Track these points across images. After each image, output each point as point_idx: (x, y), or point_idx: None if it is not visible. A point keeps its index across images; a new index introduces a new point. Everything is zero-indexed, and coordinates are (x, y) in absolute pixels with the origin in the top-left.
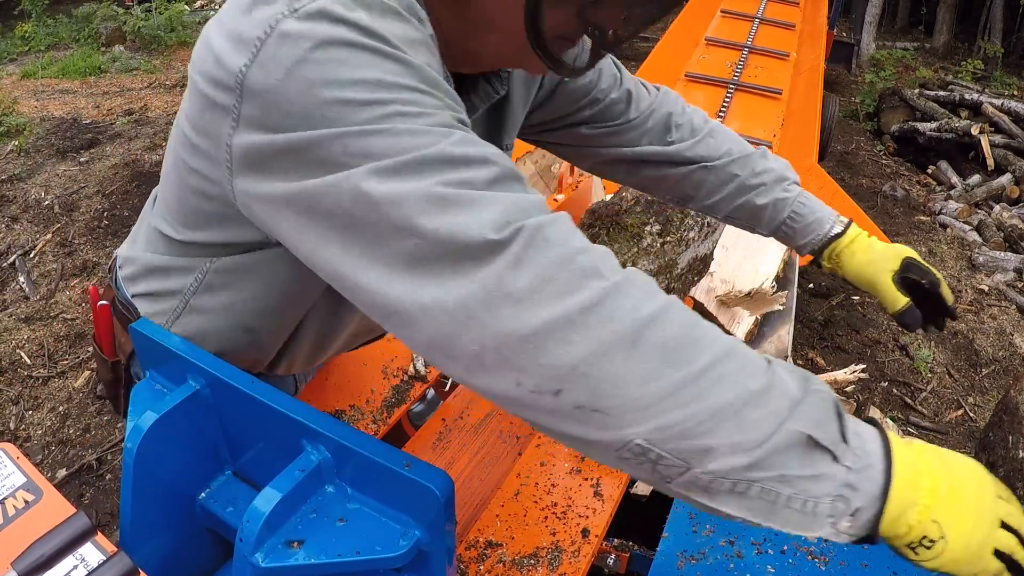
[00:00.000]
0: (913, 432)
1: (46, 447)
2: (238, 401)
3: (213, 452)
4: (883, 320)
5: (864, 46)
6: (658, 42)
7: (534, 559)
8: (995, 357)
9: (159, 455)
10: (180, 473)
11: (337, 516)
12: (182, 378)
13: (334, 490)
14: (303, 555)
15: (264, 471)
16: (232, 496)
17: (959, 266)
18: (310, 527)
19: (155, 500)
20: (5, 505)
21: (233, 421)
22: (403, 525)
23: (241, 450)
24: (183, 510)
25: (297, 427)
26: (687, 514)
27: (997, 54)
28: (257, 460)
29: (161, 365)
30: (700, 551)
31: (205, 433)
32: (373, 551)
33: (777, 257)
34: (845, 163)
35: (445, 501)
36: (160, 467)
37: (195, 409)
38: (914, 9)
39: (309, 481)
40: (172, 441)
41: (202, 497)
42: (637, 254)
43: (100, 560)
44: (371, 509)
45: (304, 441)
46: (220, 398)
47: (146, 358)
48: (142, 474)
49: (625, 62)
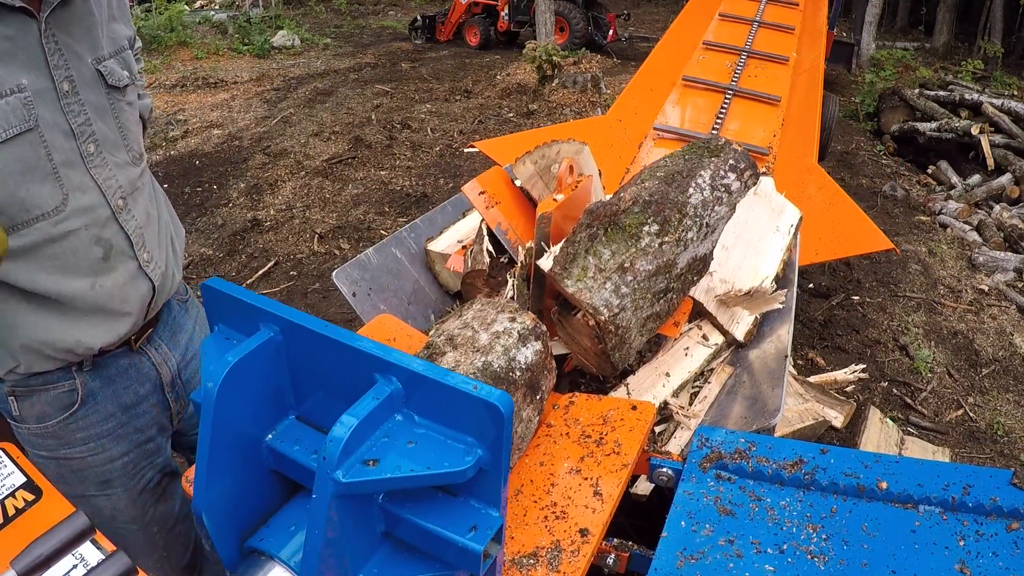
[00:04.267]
0: (913, 432)
1: None
2: (312, 343)
3: (279, 397)
4: (883, 320)
5: (864, 46)
6: (657, 43)
7: (534, 559)
8: (995, 357)
9: (233, 400)
10: (250, 417)
11: (406, 440)
12: (254, 327)
13: (402, 418)
14: (378, 471)
15: (327, 413)
16: (297, 437)
17: (959, 266)
18: (383, 449)
19: (228, 443)
20: (5, 505)
21: (303, 364)
22: (467, 445)
23: (306, 394)
24: (251, 453)
25: (371, 361)
26: (687, 514)
27: (997, 54)
28: (321, 403)
29: (231, 318)
30: (700, 551)
31: (274, 379)
32: (441, 467)
33: (777, 257)
34: (845, 163)
35: (507, 418)
36: (233, 411)
37: (267, 355)
38: (914, 9)
39: (382, 409)
40: (245, 386)
41: (269, 439)
42: (635, 254)
43: (99, 559)
44: (436, 433)
45: (377, 374)
46: (293, 342)
47: (215, 313)
48: (220, 417)
49: (625, 63)
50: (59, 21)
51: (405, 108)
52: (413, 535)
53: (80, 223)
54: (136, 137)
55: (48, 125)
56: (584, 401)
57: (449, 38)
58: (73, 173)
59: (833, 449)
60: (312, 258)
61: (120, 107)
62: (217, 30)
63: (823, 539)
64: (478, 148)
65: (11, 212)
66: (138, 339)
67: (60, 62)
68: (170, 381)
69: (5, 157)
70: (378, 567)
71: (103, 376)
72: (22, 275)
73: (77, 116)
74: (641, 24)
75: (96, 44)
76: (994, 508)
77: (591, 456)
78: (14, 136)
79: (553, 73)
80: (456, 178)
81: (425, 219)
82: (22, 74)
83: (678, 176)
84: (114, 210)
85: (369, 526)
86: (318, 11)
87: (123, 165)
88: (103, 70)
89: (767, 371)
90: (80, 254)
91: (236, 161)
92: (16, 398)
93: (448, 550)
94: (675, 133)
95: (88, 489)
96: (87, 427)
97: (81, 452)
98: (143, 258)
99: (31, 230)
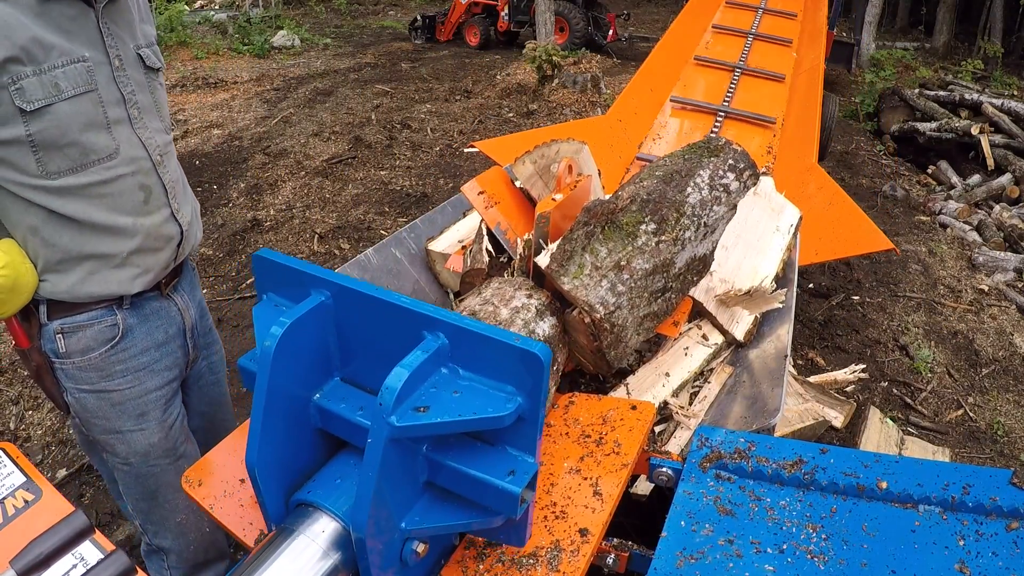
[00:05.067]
0: (913, 432)
1: (46, 447)
2: (362, 305)
3: (326, 359)
4: (883, 320)
5: (864, 46)
6: (657, 43)
7: (533, 558)
8: (995, 357)
9: (287, 360)
10: (300, 378)
11: (452, 390)
12: (304, 294)
13: (448, 371)
14: (428, 416)
15: (372, 373)
16: (343, 396)
17: (959, 266)
18: (431, 398)
19: (280, 402)
20: (5, 504)
21: (351, 327)
22: (507, 394)
23: (351, 356)
24: (299, 412)
25: (419, 319)
26: (687, 513)
27: (997, 54)
28: (365, 364)
29: (282, 286)
30: (699, 551)
31: (322, 341)
32: (485, 412)
33: (777, 257)
34: (845, 163)
35: (546, 367)
36: (285, 372)
37: (317, 319)
38: (914, 9)
39: (430, 362)
40: (297, 348)
41: (316, 398)
42: (632, 253)
43: (98, 558)
44: (479, 384)
45: (424, 331)
46: (343, 305)
47: (265, 282)
48: (275, 376)
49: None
50: (109, 13)
51: (405, 108)
52: (454, 481)
53: (128, 169)
54: (166, 111)
55: (104, 90)
56: (584, 401)
57: (449, 38)
58: (122, 130)
59: (833, 449)
60: (312, 258)
61: (155, 85)
62: (217, 30)
63: (823, 539)
64: (478, 148)
65: (74, 154)
66: (167, 284)
67: (112, 43)
68: (191, 327)
69: (73, 110)
70: (420, 515)
71: (139, 314)
72: (80, 208)
73: (126, 86)
74: (641, 24)
75: (135, 35)
76: (994, 508)
77: (591, 456)
78: (80, 94)
79: (553, 73)
80: (456, 178)
81: (425, 219)
82: (85, 49)
83: (676, 175)
84: (154, 163)
85: (413, 475)
86: (318, 11)
87: (159, 131)
88: (142, 54)
89: (767, 371)
90: (126, 196)
91: (236, 161)
92: (64, 335)
93: (487, 493)
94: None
95: (125, 423)
96: (126, 359)
97: (120, 384)
98: (174, 206)
99: (89, 171)
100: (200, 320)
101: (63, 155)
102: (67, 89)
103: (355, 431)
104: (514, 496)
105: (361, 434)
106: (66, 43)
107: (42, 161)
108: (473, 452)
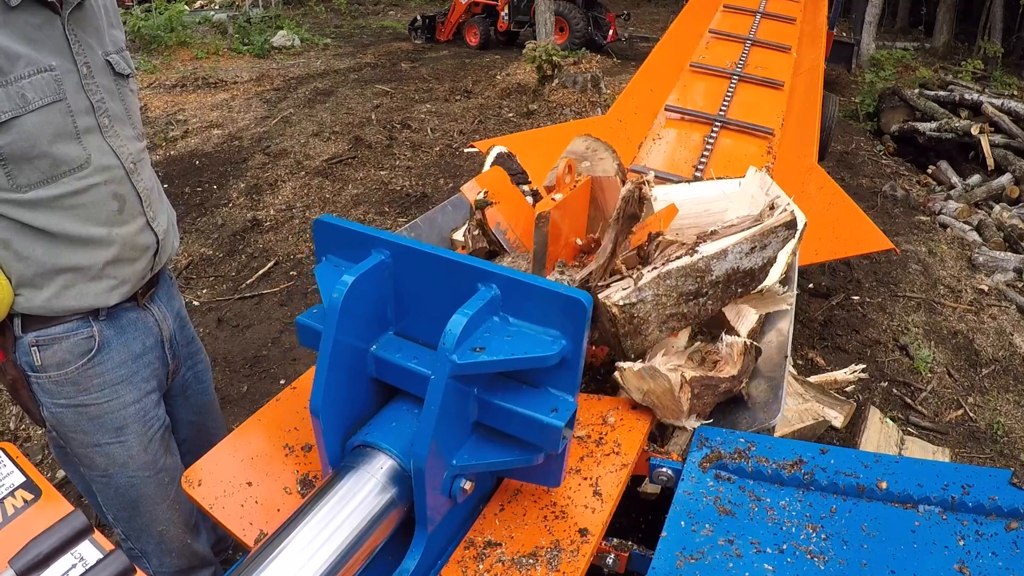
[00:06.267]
0: (913, 432)
1: (46, 447)
2: (420, 262)
3: (382, 314)
4: (883, 320)
5: (864, 46)
6: (657, 43)
7: (533, 558)
8: (995, 357)
9: (350, 314)
10: (360, 330)
11: (504, 334)
12: (365, 254)
13: (499, 320)
14: (484, 355)
15: (425, 326)
16: (398, 347)
17: (959, 266)
18: (487, 340)
19: (343, 353)
20: (4, 504)
21: (409, 282)
22: (553, 337)
23: (406, 311)
24: (358, 362)
25: (474, 272)
26: (686, 513)
27: (997, 54)
28: (419, 318)
29: (341, 248)
30: (699, 551)
31: (380, 297)
32: (535, 351)
33: (782, 259)
34: (845, 163)
35: (588, 312)
36: (348, 324)
37: (377, 276)
38: (914, 9)
39: (484, 311)
40: (359, 303)
41: (374, 349)
42: None
43: (97, 558)
44: (528, 329)
45: (479, 283)
46: (401, 263)
47: (324, 245)
48: (341, 328)
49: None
50: (76, 19)
51: (405, 108)
52: (503, 420)
53: (100, 179)
54: (138, 118)
55: (73, 99)
56: (584, 401)
57: (449, 38)
58: (93, 139)
59: (833, 449)
60: (312, 258)
61: (125, 92)
62: (217, 30)
63: (823, 539)
64: (478, 148)
65: (45, 166)
66: (143, 295)
67: (79, 50)
68: (169, 338)
69: (41, 121)
70: (469, 452)
71: (116, 326)
72: (52, 220)
73: (95, 94)
74: (641, 24)
75: (103, 41)
76: (994, 508)
77: (591, 456)
78: (47, 104)
79: (553, 73)
80: (456, 178)
81: (425, 219)
82: (51, 57)
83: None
84: (127, 171)
85: (465, 416)
86: (318, 11)
87: (131, 138)
88: (111, 60)
89: (767, 371)
90: (99, 206)
91: (236, 161)
92: (39, 348)
93: (532, 429)
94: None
95: (104, 437)
96: (103, 372)
97: (97, 399)
98: (150, 215)
99: (60, 183)
100: (180, 331)
101: (33, 167)
102: (34, 100)
103: (410, 378)
104: (557, 430)
105: (415, 381)
106: (32, 52)
107: (11, 174)
108: (519, 393)
